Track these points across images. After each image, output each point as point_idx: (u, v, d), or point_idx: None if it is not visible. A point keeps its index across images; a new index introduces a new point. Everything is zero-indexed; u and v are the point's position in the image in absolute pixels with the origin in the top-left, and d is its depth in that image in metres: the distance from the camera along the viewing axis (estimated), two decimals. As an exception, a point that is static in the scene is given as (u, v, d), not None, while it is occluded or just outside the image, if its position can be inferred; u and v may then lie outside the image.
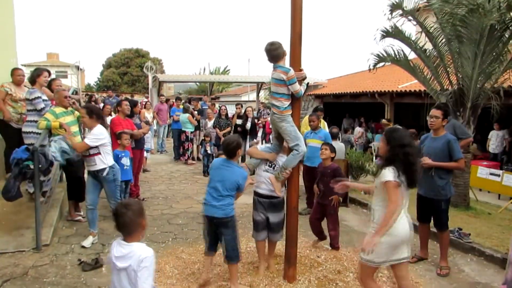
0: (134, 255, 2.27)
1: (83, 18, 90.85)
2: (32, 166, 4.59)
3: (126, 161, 6.04)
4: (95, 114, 4.84)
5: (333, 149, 5.15)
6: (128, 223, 2.32)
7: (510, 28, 6.49)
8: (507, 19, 6.31)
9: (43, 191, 5.30)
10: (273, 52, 3.77)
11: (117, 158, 5.93)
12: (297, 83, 3.74)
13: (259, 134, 10.82)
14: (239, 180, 3.79)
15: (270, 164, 4.15)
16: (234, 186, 3.78)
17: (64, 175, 6.29)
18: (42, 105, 5.58)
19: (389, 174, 3.06)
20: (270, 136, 8.56)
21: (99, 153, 4.80)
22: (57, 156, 4.83)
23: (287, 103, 3.81)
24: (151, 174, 9.62)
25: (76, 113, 5.64)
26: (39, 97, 5.58)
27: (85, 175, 5.56)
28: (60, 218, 5.72)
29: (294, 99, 3.88)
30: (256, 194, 4.24)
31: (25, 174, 4.62)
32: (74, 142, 4.88)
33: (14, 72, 6.04)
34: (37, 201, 4.65)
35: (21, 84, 6.10)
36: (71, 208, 5.82)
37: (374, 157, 14.06)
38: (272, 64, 3.86)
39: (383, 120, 13.85)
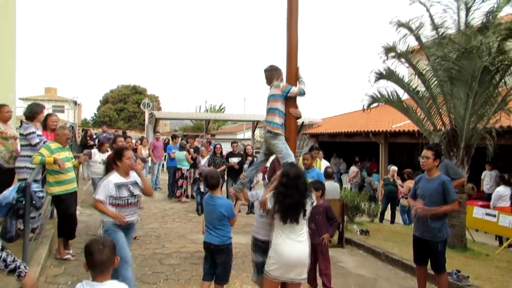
0: None
1: (83, 54, 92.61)
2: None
3: (119, 198, 5.96)
4: None
5: (319, 187, 5.12)
6: (105, 261, 2.28)
7: (500, 71, 6.69)
8: (497, 62, 6.52)
9: (33, 227, 5.18)
10: (268, 73, 3.98)
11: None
12: (293, 87, 3.83)
13: (259, 175, 10.33)
14: (222, 211, 4.05)
15: (263, 209, 4.09)
16: (220, 218, 4.06)
17: (55, 211, 6.18)
18: (37, 140, 5.55)
19: (270, 199, 3.52)
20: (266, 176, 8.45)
21: None
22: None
23: (281, 120, 3.85)
24: (144, 211, 9.47)
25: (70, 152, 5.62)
26: (33, 132, 5.56)
27: (77, 211, 5.45)
28: (49, 256, 5.55)
29: (290, 120, 3.91)
30: (255, 239, 4.14)
31: (18, 210, 4.52)
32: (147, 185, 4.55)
33: (1, 109, 5.56)
34: (25, 238, 4.52)
35: (8, 121, 5.71)
36: (60, 246, 5.66)
37: (368, 197, 14.03)
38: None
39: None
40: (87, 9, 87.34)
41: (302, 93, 3.85)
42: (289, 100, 3.90)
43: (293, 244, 3.48)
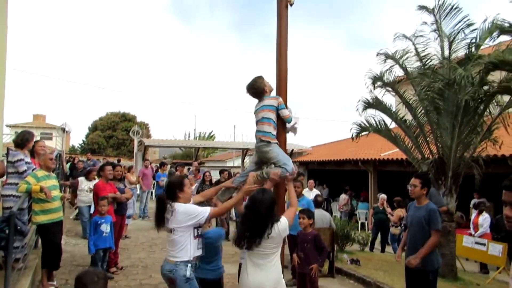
0: None
1: (72, 81, 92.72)
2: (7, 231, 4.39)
3: (105, 227, 5.87)
4: None
5: (310, 216, 5.11)
6: None
7: (484, 101, 6.86)
8: (479, 93, 6.69)
9: (16, 257, 5.03)
10: (257, 88, 3.86)
11: (96, 225, 5.77)
12: (286, 109, 3.83)
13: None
14: (215, 244, 3.90)
15: None
16: (212, 250, 3.86)
17: (39, 241, 6.02)
18: (25, 168, 5.48)
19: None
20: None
21: None
22: None
23: (274, 130, 3.79)
24: (131, 240, 9.29)
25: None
26: (21, 159, 5.49)
27: (62, 241, 5.32)
28: (31, 287, 5.37)
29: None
30: (240, 265, 4.07)
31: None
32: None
33: None
34: (8, 269, 4.38)
35: None
36: (44, 277, 5.48)
37: (359, 225, 13.98)
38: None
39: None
40: (76, 36, 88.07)
41: (289, 120, 3.87)
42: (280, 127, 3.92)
43: (255, 269, 3.29)
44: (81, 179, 8.90)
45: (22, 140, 5.72)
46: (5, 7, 6.40)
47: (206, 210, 3.54)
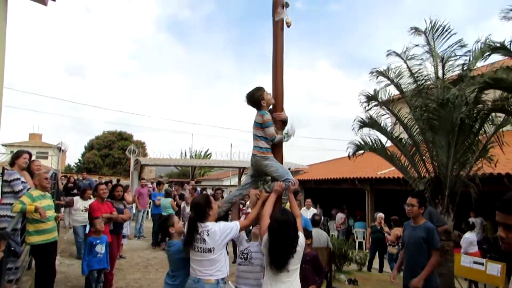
0: None
1: (69, 100, 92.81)
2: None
3: (100, 248, 5.80)
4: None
5: (308, 235, 5.07)
6: None
7: (479, 119, 6.92)
8: (474, 112, 6.76)
9: (9, 279, 4.96)
10: (254, 101, 3.83)
11: (90, 246, 5.71)
12: (272, 127, 3.72)
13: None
14: (174, 256, 3.86)
15: (243, 256, 3.88)
16: (174, 264, 3.88)
17: (33, 262, 5.93)
18: (20, 187, 5.46)
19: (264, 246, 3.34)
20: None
21: None
22: None
23: (266, 145, 3.76)
24: (127, 261, 9.16)
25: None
26: (18, 179, 5.48)
27: (57, 261, 5.24)
28: (24, 310, 5.28)
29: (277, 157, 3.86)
30: None
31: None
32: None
33: None
34: (0, 291, 4.33)
35: None
36: (36, 299, 5.40)
37: (357, 244, 13.88)
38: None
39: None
40: (73, 55, 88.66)
41: (272, 139, 3.75)
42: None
43: None
44: (76, 198, 8.84)
45: (12, 158, 5.82)
46: (4, 27, 6.46)
47: (237, 224, 3.66)
